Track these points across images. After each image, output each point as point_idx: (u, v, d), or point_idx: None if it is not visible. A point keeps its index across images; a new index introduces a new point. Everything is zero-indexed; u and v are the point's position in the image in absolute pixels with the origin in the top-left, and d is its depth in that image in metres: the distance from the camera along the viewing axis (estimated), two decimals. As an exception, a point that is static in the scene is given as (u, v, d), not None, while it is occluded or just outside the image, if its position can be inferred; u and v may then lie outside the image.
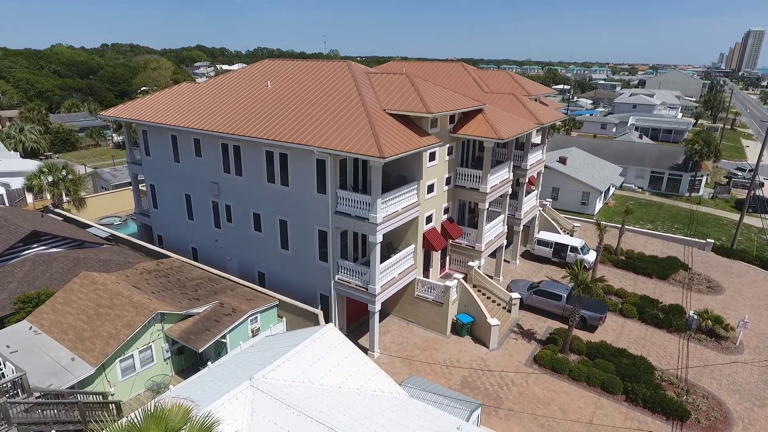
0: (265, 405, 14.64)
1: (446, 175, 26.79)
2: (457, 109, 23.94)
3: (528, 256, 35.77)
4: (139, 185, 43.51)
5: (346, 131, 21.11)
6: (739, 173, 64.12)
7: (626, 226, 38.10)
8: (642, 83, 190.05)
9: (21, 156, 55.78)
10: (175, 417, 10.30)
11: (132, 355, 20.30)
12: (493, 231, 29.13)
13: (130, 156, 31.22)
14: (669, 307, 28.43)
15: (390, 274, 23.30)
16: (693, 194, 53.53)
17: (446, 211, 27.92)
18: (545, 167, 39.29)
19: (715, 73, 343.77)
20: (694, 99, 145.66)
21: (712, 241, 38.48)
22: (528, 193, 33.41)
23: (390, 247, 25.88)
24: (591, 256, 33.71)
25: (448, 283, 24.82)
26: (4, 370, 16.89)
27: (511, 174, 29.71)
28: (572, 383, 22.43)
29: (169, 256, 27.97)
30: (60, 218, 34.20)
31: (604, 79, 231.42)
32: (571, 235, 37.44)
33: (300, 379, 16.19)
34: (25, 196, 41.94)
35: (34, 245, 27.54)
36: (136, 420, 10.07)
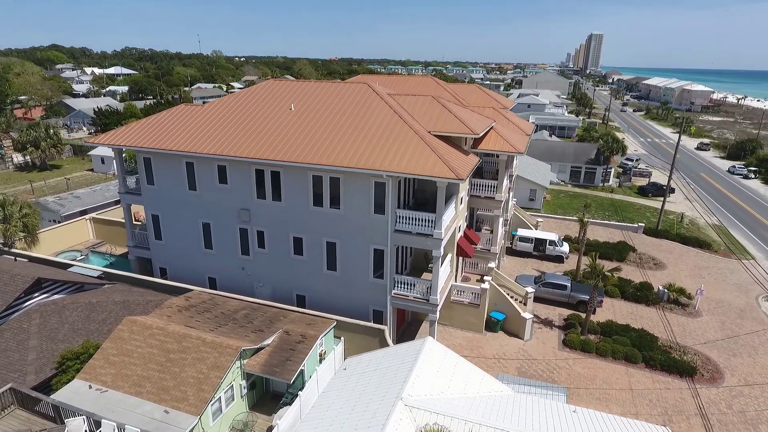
0: (427, 420, 15.67)
1: (467, 187, 29.11)
2: (487, 128, 26.33)
3: (509, 252, 39.54)
4: (87, 214, 39.46)
5: (407, 154, 22.31)
6: (629, 163, 75.53)
7: (569, 217, 43.96)
8: (519, 83, 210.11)
9: None
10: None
11: (219, 397, 19.61)
12: (499, 233, 32.15)
13: (122, 185, 28.67)
14: (640, 284, 33.90)
15: (441, 284, 25.01)
16: (606, 184, 62.35)
17: (465, 219, 30.27)
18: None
19: (567, 72, 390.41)
20: (564, 96, 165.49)
21: (643, 224, 45.85)
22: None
23: (427, 258, 27.54)
24: (564, 248, 38.46)
25: (483, 285, 27.20)
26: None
27: (509, 181, 32.99)
28: (601, 359, 26.22)
29: (190, 289, 26.57)
30: (25, 260, 30.16)
31: (481, 79, 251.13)
32: (536, 230, 42.06)
33: (434, 392, 17.38)
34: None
35: (36, 294, 24.48)
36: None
